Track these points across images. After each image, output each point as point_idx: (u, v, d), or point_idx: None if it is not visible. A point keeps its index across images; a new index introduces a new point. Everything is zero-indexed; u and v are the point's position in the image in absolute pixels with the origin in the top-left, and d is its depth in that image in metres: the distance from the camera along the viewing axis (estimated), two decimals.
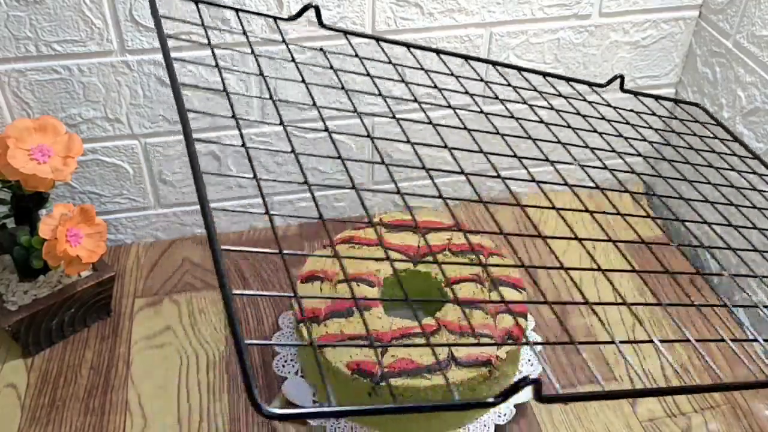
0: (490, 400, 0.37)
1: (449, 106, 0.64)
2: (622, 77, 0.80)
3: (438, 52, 0.73)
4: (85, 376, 0.82)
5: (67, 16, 0.79)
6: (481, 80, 0.69)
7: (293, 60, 0.59)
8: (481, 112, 0.64)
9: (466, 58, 0.72)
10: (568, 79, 0.77)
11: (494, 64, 0.75)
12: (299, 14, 0.63)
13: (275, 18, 0.63)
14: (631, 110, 0.82)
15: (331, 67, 0.62)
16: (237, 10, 0.61)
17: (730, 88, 0.91)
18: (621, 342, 0.41)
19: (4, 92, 0.83)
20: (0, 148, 0.74)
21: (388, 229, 0.85)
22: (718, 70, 0.94)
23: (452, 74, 0.68)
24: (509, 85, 0.71)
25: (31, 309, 0.80)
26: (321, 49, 0.70)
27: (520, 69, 0.75)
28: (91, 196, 0.94)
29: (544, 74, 0.77)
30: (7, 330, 0.79)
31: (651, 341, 0.42)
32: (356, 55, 0.64)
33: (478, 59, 0.74)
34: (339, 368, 0.71)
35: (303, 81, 0.57)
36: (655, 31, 0.96)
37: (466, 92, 0.65)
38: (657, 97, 0.84)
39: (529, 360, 0.82)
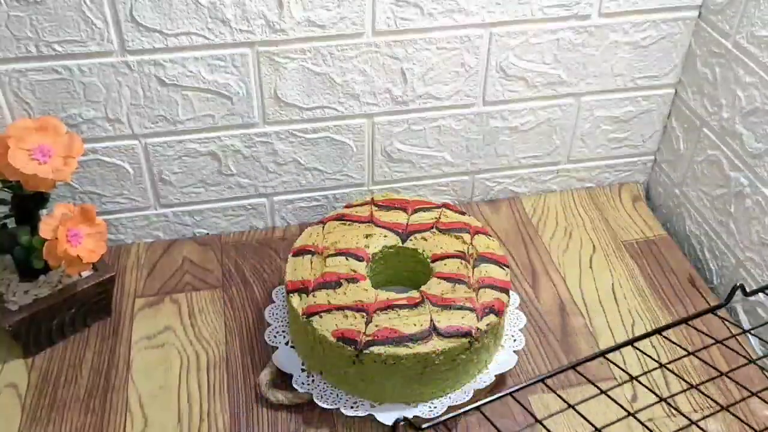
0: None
1: None
2: (743, 287, 0.73)
3: None
4: (86, 376, 0.82)
5: (68, 16, 0.80)
6: None
7: None
8: None
9: None
10: (687, 320, 0.71)
11: None
12: None
13: None
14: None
15: None
16: None
17: (730, 88, 0.92)
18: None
19: (5, 92, 0.84)
20: (0, 148, 0.74)
21: (379, 208, 0.89)
22: (717, 71, 0.94)
23: None
24: None
25: (32, 309, 0.80)
26: None
27: None
28: (91, 196, 0.95)
29: (660, 331, 0.71)
30: (7, 330, 0.79)
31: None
32: None
33: None
34: (325, 336, 0.74)
35: None
36: (654, 32, 0.96)
37: None
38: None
39: (512, 336, 0.85)
